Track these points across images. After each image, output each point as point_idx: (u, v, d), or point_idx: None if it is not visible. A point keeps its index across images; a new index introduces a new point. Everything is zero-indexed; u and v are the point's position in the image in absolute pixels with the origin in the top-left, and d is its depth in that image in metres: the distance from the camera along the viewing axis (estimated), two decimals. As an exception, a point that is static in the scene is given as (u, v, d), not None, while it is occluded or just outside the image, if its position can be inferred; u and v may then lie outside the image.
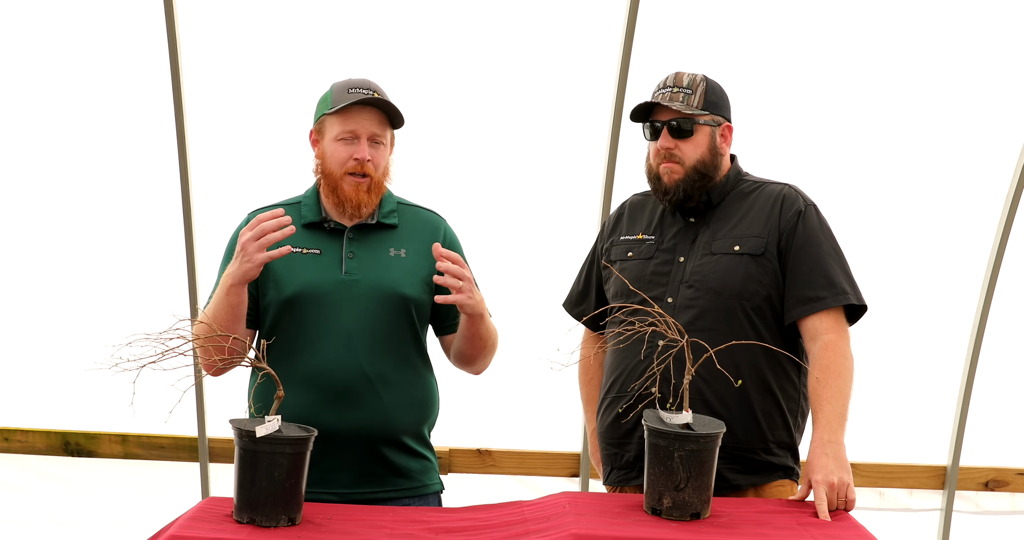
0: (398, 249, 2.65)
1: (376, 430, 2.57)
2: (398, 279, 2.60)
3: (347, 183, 2.60)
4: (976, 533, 4.26)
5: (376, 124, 2.61)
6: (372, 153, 2.61)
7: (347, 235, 2.63)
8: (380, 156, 2.63)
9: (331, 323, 2.56)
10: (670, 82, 2.67)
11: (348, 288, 2.58)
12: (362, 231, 2.65)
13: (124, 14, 3.75)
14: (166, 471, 4.09)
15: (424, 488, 2.67)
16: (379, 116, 2.62)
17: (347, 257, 2.61)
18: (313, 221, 2.65)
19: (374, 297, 2.58)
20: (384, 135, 2.63)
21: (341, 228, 2.64)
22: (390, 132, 2.66)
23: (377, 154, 2.62)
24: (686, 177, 2.64)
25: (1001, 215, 4.03)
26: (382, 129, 2.62)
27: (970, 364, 4.13)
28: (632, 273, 2.68)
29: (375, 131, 2.61)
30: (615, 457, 2.70)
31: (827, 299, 2.57)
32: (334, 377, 2.54)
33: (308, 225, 2.65)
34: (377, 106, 2.60)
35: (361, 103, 2.59)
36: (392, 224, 2.67)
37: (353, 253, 2.62)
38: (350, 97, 2.58)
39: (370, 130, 2.60)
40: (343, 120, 2.60)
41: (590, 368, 2.92)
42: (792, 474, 2.67)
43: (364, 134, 2.60)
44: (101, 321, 3.93)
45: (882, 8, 3.86)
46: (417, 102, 3.85)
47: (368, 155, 2.60)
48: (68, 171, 3.94)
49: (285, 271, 2.60)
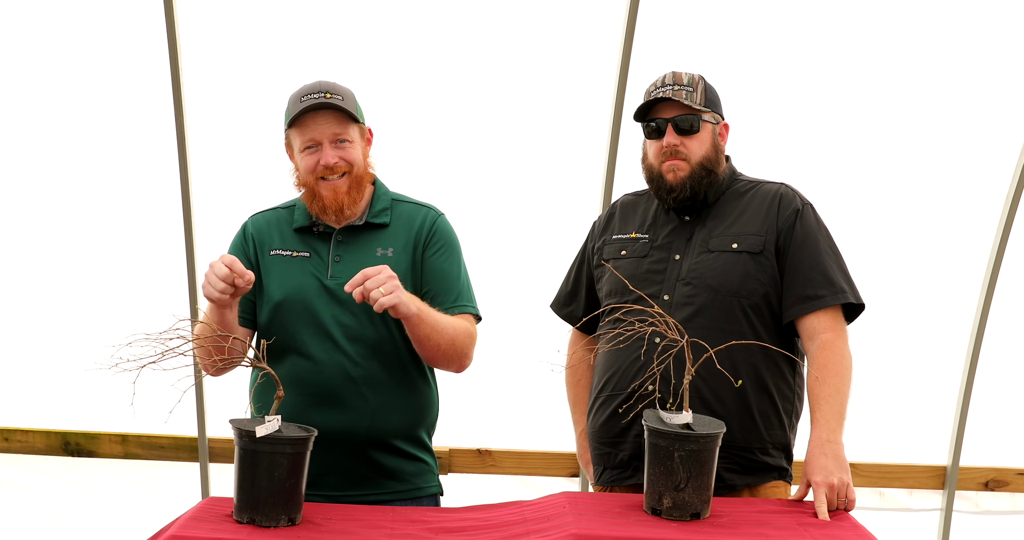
0: (385, 248, 2.64)
1: (362, 432, 2.57)
2: None
3: (324, 188, 2.60)
4: (976, 533, 4.26)
5: (335, 124, 2.59)
6: (339, 153, 2.59)
7: (335, 238, 2.64)
8: (349, 153, 2.61)
9: (317, 326, 2.58)
10: (669, 81, 2.66)
11: (333, 292, 2.59)
12: (351, 232, 2.65)
13: (124, 14, 3.75)
14: (166, 471, 4.08)
15: (418, 491, 2.67)
16: (335, 116, 2.59)
17: (333, 261, 2.62)
18: (303, 225, 2.66)
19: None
20: (347, 132, 2.60)
21: (331, 231, 2.65)
22: (354, 128, 2.62)
23: (345, 152, 2.60)
24: (692, 174, 2.64)
25: (1001, 215, 4.03)
26: (342, 128, 2.60)
27: (970, 364, 4.13)
28: (626, 271, 2.68)
29: (335, 132, 2.59)
30: (608, 457, 2.69)
31: (826, 298, 2.56)
32: (319, 379, 2.56)
33: (299, 229, 2.67)
34: (329, 107, 2.57)
35: (313, 108, 2.57)
36: (382, 223, 2.66)
37: (340, 256, 2.62)
38: (301, 105, 2.57)
39: (329, 133, 2.59)
40: (301, 131, 2.60)
41: (578, 370, 2.90)
42: (785, 475, 2.67)
43: (325, 139, 2.59)
44: (101, 321, 3.93)
45: (881, 8, 3.85)
46: (418, 102, 3.86)
47: (333, 158, 2.58)
48: (68, 172, 3.94)
49: (276, 275, 2.63)
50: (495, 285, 3.01)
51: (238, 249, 2.70)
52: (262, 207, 2.79)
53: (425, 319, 2.49)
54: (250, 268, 2.63)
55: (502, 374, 3.89)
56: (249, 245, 2.69)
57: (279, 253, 2.66)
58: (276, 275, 2.63)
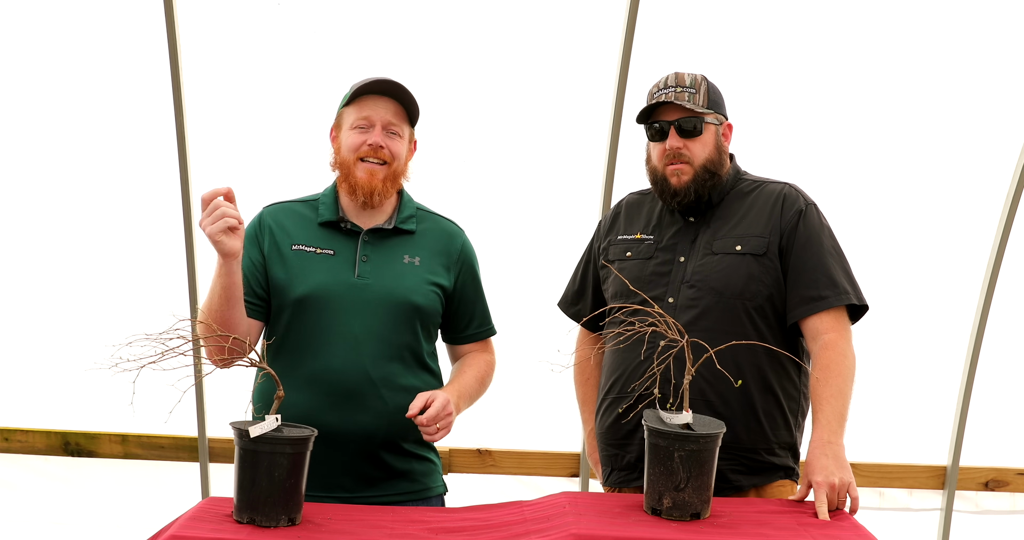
0: (412, 256, 2.63)
1: (379, 434, 2.56)
2: (410, 287, 2.59)
3: (360, 169, 2.58)
4: (976, 533, 4.26)
5: (392, 113, 2.60)
6: (387, 142, 2.59)
7: (363, 237, 2.62)
8: (396, 146, 2.61)
9: (339, 326, 2.55)
10: (671, 82, 2.66)
11: (359, 292, 2.57)
12: (378, 235, 2.63)
13: (124, 14, 3.75)
14: (166, 471, 4.08)
15: (427, 491, 2.68)
16: (395, 107, 2.61)
17: (361, 260, 2.59)
18: (330, 220, 2.63)
19: (384, 303, 2.57)
20: (400, 126, 2.61)
21: (357, 230, 2.62)
22: (408, 127, 2.64)
23: (393, 144, 2.60)
24: (696, 177, 2.63)
25: (1001, 215, 4.03)
26: (398, 119, 2.61)
27: (970, 364, 4.13)
28: (631, 273, 2.68)
29: (390, 120, 2.60)
30: (616, 458, 2.70)
31: (829, 298, 2.56)
32: (339, 379, 2.54)
33: (324, 224, 2.63)
34: (392, 96, 2.59)
35: (377, 92, 2.59)
36: (409, 230, 2.66)
37: (367, 256, 2.60)
38: (369, 82, 2.59)
39: (385, 118, 2.59)
40: (358, 108, 2.60)
41: (586, 368, 2.91)
42: (792, 474, 2.67)
43: (379, 121, 2.59)
44: (101, 321, 3.93)
45: (881, 8, 3.85)
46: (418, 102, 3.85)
47: (382, 141, 2.58)
48: (68, 172, 3.94)
49: (298, 271, 2.58)
50: (495, 285, 3.00)
51: (251, 237, 2.63)
52: (278, 199, 2.75)
53: (463, 407, 2.68)
54: (261, 258, 2.61)
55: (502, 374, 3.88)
56: (264, 234, 2.64)
57: (302, 248, 2.61)
58: (298, 270, 2.58)
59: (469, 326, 2.76)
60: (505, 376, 3.83)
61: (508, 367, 3.84)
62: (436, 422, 2.46)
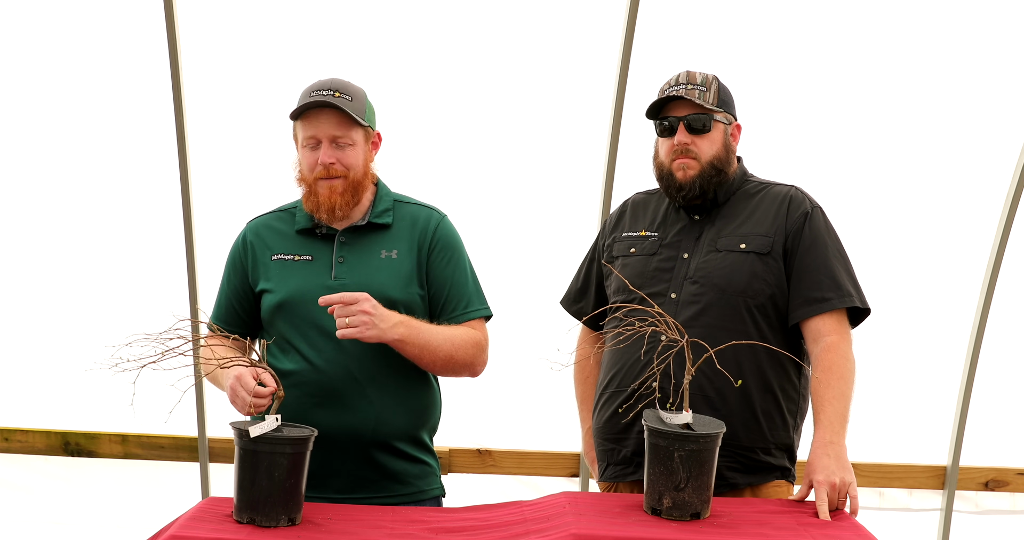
0: (389, 250, 2.62)
1: (367, 433, 2.56)
2: (386, 282, 2.58)
3: (321, 187, 2.58)
4: (976, 533, 4.26)
5: (335, 126, 2.56)
6: (337, 155, 2.57)
7: (338, 239, 2.63)
8: (348, 156, 2.58)
9: (319, 327, 2.56)
10: (683, 79, 2.67)
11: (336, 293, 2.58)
12: (354, 233, 2.63)
13: (124, 14, 3.75)
14: (166, 471, 4.08)
15: (422, 494, 2.66)
16: (338, 117, 2.56)
17: (337, 262, 2.61)
18: (306, 227, 2.65)
19: None
20: (347, 135, 2.57)
21: (333, 232, 2.63)
22: (358, 131, 2.59)
23: (344, 155, 2.58)
24: (702, 173, 2.64)
25: (1001, 215, 4.03)
26: (343, 130, 2.57)
27: (970, 364, 4.13)
28: (635, 269, 2.68)
29: (334, 133, 2.56)
30: (612, 453, 2.70)
31: (832, 300, 2.57)
32: (323, 379, 2.55)
33: (301, 231, 2.65)
34: (333, 107, 2.55)
35: (317, 106, 2.55)
36: (385, 224, 2.64)
37: (343, 257, 2.61)
38: (307, 100, 2.55)
39: (329, 133, 2.56)
40: (304, 125, 2.59)
41: (586, 367, 2.91)
42: (788, 475, 2.67)
43: (324, 138, 2.57)
44: (101, 321, 3.93)
45: (882, 9, 3.85)
46: (418, 102, 3.86)
47: (331, 158, 2.56)
48: (68, 172, 3.94)
49: (278, 280, 2.62)
50: (494, 285, 3.00)
51: (236, 259, 2.70)
52: (261, 210, 2.77)
53: (411, 341, 2.49)
54: (245, 277, 2.67)
55: (502, 374, 3.88)
56: (248, 254, 2.68)
57: (281, 258, 2.64)
58: (279, 279, 2.61)
59: (448, 308, 2.64)
60: (505, 376, 3.84)
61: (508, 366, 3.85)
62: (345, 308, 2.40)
